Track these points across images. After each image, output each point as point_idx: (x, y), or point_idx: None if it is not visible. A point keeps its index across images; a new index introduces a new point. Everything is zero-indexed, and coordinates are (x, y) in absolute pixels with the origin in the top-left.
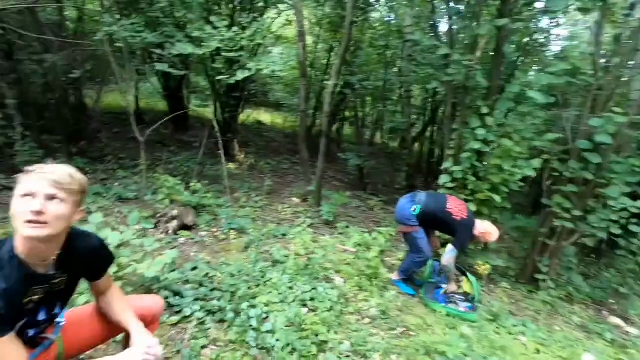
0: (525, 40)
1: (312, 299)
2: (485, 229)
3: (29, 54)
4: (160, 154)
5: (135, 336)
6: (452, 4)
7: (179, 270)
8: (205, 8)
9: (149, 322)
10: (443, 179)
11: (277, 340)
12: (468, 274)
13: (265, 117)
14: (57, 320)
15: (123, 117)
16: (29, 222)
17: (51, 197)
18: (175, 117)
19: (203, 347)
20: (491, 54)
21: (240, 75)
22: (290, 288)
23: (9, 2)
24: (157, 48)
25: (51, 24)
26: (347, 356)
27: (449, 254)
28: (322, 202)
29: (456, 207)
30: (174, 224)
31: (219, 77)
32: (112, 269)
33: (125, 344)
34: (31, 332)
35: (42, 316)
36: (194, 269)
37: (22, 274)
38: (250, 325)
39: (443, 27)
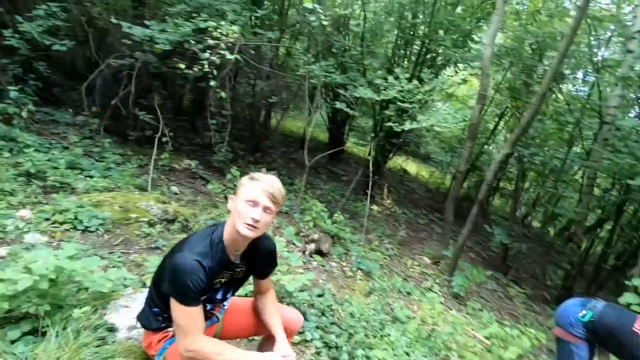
0: None
1: None
2: None
3: (247, 79)
4: (311, 179)
5: (279, 343)
6: None
7: (308, 292)
8: (390, 60)
9: (287, 334)
10: (627, 298)
11: None
12: None
13: (411, 167)
14: (224, 303)
15: (290, 140)
16: (248, 224)
17: (266, 209)
18: (331, 149)
19: None
20: None
21: (408, 125)
22: (407, 354)
23: (250, 39)
24: (340, 88)
25: (266, 57)
26: None
27: None
28: (455, 272)
29: None
30: (312, 246)
31: (388, 124)
32: None
33: (261, 346)
34: (207, 307)
35: (219, 296)
36: (320, 295)
37: (223, 259)
38: None
39: None
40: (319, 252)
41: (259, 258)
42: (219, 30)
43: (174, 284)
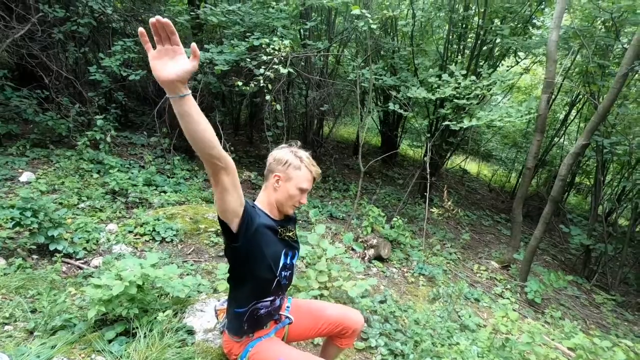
0: None
1: None
2: None
3: (299, 90)
4: (366, 184)
5: None
6: None
7: (370, 298)
8: (442, 56)
9: (350, 334)
10: None
11: None
12: None
13: (471, 166)
14: (287, 304)
15: (342, 146)
16: (296, 206)
17: (307, 191)
18: (384, 153)
19: None
20: None
21: (467, 123)
22: None
23: (301, 51)
24: (392, 90)
25: (317, 67)
26: None
27: None
28: (528, 276)
29: None
30: (372, 252)
31: (446, 123)
32: (323, 277)
33: (323, 349)
34: (283, 281)
35: (287, 260)
36: (382, 302)
37: (268, 219)
38: None
39: None
40: (379, 258)
41: (294, 224)
42: (271, 47)
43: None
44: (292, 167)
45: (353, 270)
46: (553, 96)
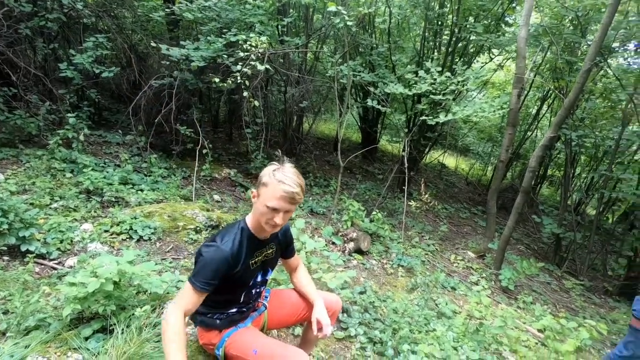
0: None
1: None
2: None
3: (277, 87)
4: (347, 179)
5: (317, 308)
6: None
7: (350, 289)
8: (419, 53)
9: (329, 316)
10: None
11: None
12: None
13: (450, 160)
14: (265, 294)
15: (323, 142)
16: (271, 225)
17: (287, 212)
18: (364, 148)
19: None
20: None
21: (443, 117)
22: (455, 349)
23: (278, 48)
24: (370, 86)
25: (296, 64)
26: None
27: None
28: (502, 265)
29: None
30: (352, 245)
31: (422, 118)
32: None
33: (303, 337)
34: (254, 292)
35: (259, 278)
36: (362, 293)
37: (252, 242)
38: None
39: None
40: (359, 251)
41: (283, 239)
42: (248, 43)
43: (195, 266)
44: (262, 185)
45: (332, 262)
46: (525, 92)
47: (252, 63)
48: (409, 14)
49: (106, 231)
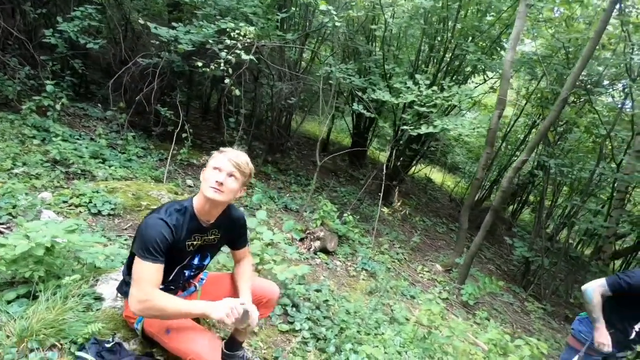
0: None
1: None
2: None
3: (268, 80)
4: (329, 181)
5: (241, 297)
6: None
7: (305, 286)
8: (413, 65)
9: (264, 303)
10: None
11: None
12: None
13: (437, 176)
14: (202, 277)
15: (311, 142)
16: (213, 187)
17: (230, 175)
18: (353, 153)
19: None
20: None
21: (424, 129)
22: (399, 353)
23: (270, 41)
24: (360, 91)
25: (291, 60)
26: None
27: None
28: (466, 280)
29: None
30: (317, 244)
31: (404, 127)
32: (255, 259)
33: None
34: (186, 274)
35: (196, 261)
36: (318, 291)
37: (193, 224)
38: None
39: None
40: (324, 250)
41: (231, 227)
42: (236, 31)
43: (139, 240)
44: (212, 156)
45: (288, 256)
46: (516, 117)
47: (237, 52)
48: (405, 25)
49: (64, 202)
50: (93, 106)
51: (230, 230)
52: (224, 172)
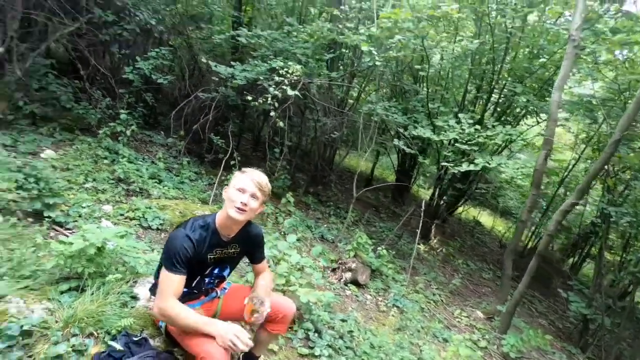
0: None
1: None
2: None
3: (313, 115)
4: (371, 216)
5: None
6: None
7: (331, 314)
8: (459, 105)
9: (280, 319)
10: None
11: None
12: None
13: (487, 219)
14: (224, 286)
15: (357, 178)
16: (237, 208)
17: (253, 195)
18: (397, 190)
19: None
20: None
21: (465, 167)
22: None
23: (316, 78)
24: (402, 128)
25: (337, 97)
26: None
27: None
28: (509, 330)
29: None
30: (349, 275)
31: (443, 163)
32: (281, 280)
33: (256, 334)
34: (206, 281)
35: (216, 271)
36: (344, 321)
37: (214, 238)
38: None
39: None
40: (355, 283)
41: (249, 242)
42: (284, 69)
43: (164, 252)
44: (234, 176)
45: (314, 281)
46: (575, 160)
47: (284, 87)
48: (449, 67)
49: (122, 214)
50: (157, 133)
51: (249, 244)
52: (247, 194)
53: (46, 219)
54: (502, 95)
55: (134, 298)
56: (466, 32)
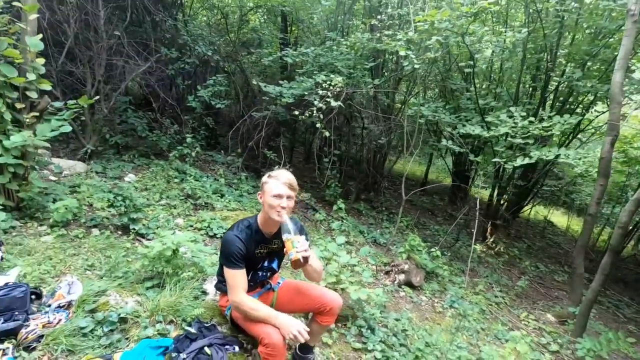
0: None
1: None
2: None
3: (360, 123)
4: (425, 219)
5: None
6: None
7: (384, 314)
8: (513, 98)
9: (327, 311)
10: None
11: None
12: None
13: (560, 219)
14: (278, 280)
15: (411, 183)
16: (278, 212)
17: (288, 197)
18: (454, 192)
19: None
20: None
21: (519, 161)
22: None
23: (358, 87)
24: (449, 127)
25: (383, 104)
26: None
27: None
28: (584, 333)
29: None
30: (402, 277)
31: (494, 160)
32: (331, 278)
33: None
34: (260, 274)
35: (266, 264)
36: (397, 320)
37: (258, 235)
38: None
39: None
40: (409, 284)
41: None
42: (327, 82)
43: (221, 253)
44: (263, 185)
45: (364, 280)
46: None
47: (327, 99)
48: (498, 61)
49: (191, 226)
50: (218, 152)
51: None
52: (284, 197)
53: (132, 231)
54: (560, 83)
55: (204, 293)
56: (515, 23)
